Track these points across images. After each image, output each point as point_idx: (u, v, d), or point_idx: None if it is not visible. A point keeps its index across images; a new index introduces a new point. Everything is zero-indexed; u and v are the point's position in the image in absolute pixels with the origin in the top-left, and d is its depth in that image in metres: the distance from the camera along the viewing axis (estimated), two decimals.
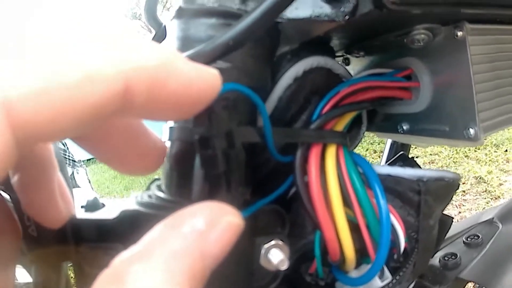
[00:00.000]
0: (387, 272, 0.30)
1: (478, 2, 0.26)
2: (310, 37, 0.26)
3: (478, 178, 2.51)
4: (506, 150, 2.79)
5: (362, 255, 0.28)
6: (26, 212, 0.22)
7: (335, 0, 0.22)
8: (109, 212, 0.24)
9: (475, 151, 2.89)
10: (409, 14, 0.24)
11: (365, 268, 0.29)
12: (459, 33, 0.28)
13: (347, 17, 0.22)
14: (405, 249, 0.29)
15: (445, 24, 0.29)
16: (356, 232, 0.27)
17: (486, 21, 0.30)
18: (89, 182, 2.50)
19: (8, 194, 0.22)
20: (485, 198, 2.29)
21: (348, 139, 0.27)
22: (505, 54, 0.33)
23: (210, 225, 0.15)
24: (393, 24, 0.28)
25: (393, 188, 0.29)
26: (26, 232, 0.23)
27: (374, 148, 3.25)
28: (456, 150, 2.96)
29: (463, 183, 2.48)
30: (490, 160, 2.72)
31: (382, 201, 0.26)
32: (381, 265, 0.27)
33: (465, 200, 2.31)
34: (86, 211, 0.25)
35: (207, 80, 0.16)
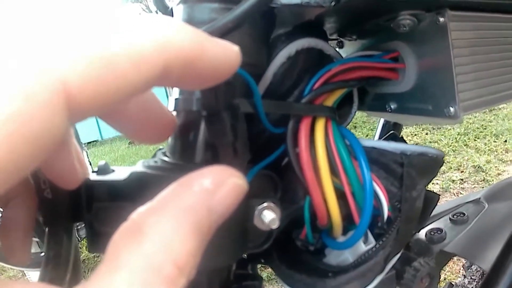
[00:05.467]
0: (371, 238, 0.32)
1: None
2: (303, 20, 0.29)
3: (477, 167, 2.53)
4: (506, 141, 2.80)
5: (349, 222, 0.31)
6: (45, 175, 0.24)
7: None
8: (119, 174, 0.26)
9: (475, 140, 2.90)
10: (391, 0, 0.26)
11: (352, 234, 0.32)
12: (441, 19, 0.30)
13: (333, 3, 0.24)
14: (389, 217, 0.32)
15: (429, 11, 0.31)
16: (343, 199, 0.29)
17: (468, 8, 0.32)
18: (90, 164, 2.52)
19: None
20: (482, 187, 2.30)
21: (336, 114, 0.30)
22: (485, 40, 0.35)
23: (217, 185, 0.17)
24: (378, 10, 0.31)
25: (378, 160, 0.31)
26: (41, 195, 0.25)
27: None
28: (455, 138, 2.97)
29: (461, 172, 2.50)
30: (489, 150, 2.73)
31: (366, 170, 0.29)
32: (365, 229, 0.30)
33: (463, 188, 2.33)
34: (98, 174, 0.26)
35: (230, 57, 0.18)
